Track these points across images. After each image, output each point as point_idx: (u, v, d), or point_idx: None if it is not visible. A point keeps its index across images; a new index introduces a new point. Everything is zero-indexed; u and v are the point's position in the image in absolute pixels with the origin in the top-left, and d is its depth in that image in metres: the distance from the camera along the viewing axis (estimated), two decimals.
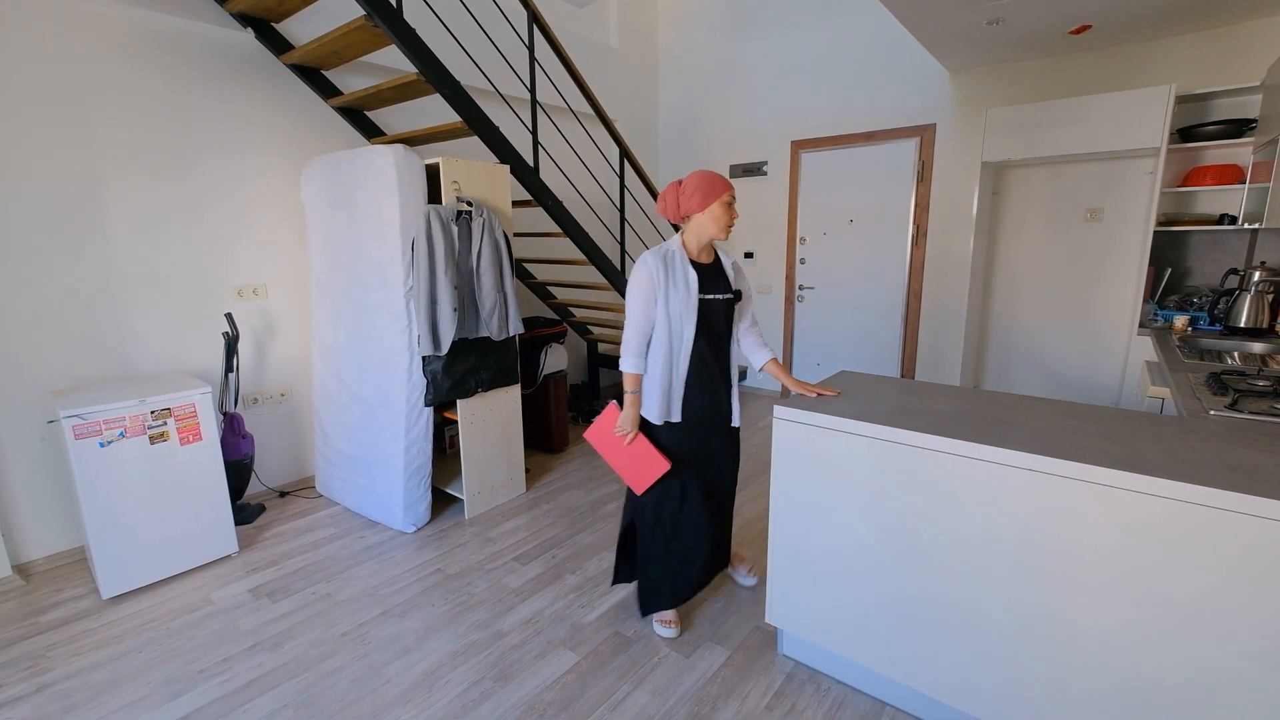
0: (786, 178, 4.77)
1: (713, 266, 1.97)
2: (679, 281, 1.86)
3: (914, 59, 3.94)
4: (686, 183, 1.88)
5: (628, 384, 1.91)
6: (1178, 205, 3.30)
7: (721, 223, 1.87)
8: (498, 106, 3.34)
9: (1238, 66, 3.10)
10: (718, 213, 1.86)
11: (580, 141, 4.18)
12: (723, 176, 1.90)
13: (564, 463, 3.61)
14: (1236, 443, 1.40)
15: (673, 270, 1.87)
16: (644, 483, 1.96)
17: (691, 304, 1.86)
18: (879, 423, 1.60)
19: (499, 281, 2.73)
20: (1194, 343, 2.82)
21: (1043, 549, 1.39)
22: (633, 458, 1.94)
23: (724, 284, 1.97)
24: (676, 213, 1.92)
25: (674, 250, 1.90)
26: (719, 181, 1.87)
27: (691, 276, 1.88)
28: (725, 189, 1.87)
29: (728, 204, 1.87)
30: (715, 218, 1.87)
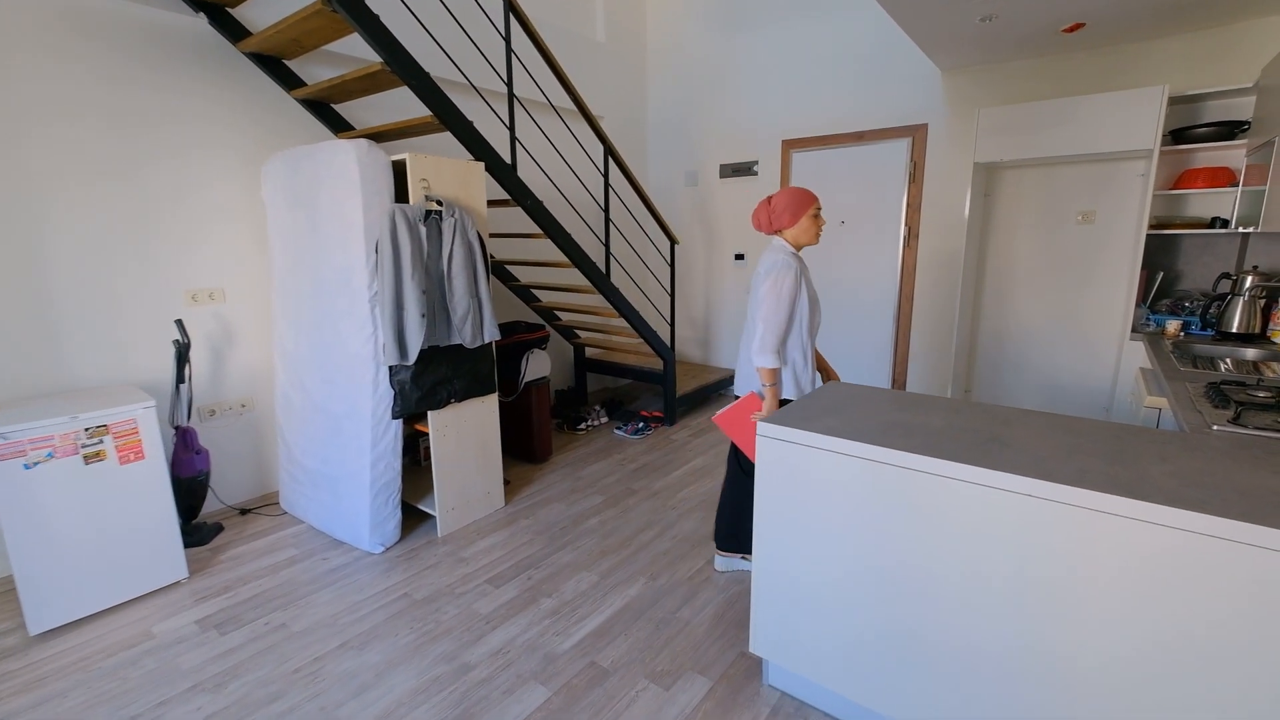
0: (777, 178, 4.64)
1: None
2: (810, 276, 2.20)
3: (906, 57, 3.83)
4: (775, 201, 2.15)
5: (767, 378, 2.08)
6: (1170, 208, 3.21)
7: (812, 232, 2.17)
8: (473, 101, 3.19)
9: (1230, 68, 3.01)
10: (807, 225, 2.15)
11: (563, 139, 4.03)
12: (808, 192, 2.15)
13: (546, 474, 3.46)
14: (1244, 463, 1.32)
15: (804, 267, 2.16)
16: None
17: (816, 293, 2.20)
18: (868, 441, 1.48)
19: (472, 286, 2.58)
20: (1186, 348, 2.73)
21: (1042, 580, 1.28)
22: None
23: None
24: (769, 227, 2.19)
25: (793, 251, 2.17)
26: (804, 198, 2.13)
27: (808, 272, 2.21)
28: (810, 203, 2.14)
29: (814, 215, 2.15)
30: (806, 229, 2.16)
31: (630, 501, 3.10)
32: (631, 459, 3.68)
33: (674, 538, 2.73)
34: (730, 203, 4.93)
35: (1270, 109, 2.56)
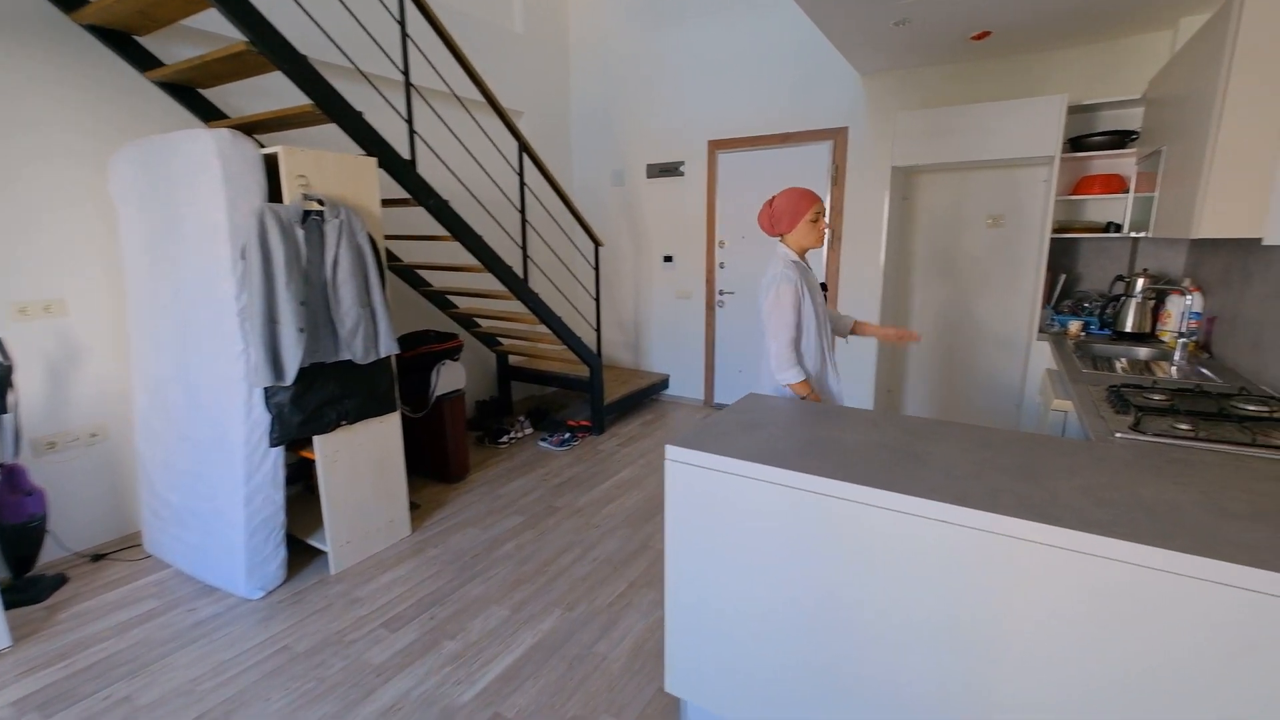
0: (704, 179, 4.56)
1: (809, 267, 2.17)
2: (813, 285, 2.07)
3: (828, 61, 3.82)
4: (776, 203, 2.05)
5: (800, 391, 1.99)
6: (1070, 213, 3.32)
7: (814, 236, 2.05)
8: (366, 90, 2.91)
9: (1121, 79, 3.14)
10: (806, 229, 2.03)
11: (475, 134, 3.78)
12: (808, 193, 2.02)
13: (462, 494, 3.22)
14: (1147, 473, 1.30)
15: (806, 276, 2.05)
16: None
17: (821, 303, 2.09)
18: (781, 465, 1.37)
19: (363, 295, 2.32)
20: (1087, 348, 2.81)
21: (959, 608, 1.21)
22: None
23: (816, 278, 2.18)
24: (772, 230, 2.09)
25: (794, 259, 2.06)
26: (802, 201, 2.01)
27: (815, 280, 2.10)
28: (809, 206, 2.01)
29: (813, 220, 2.02)
30: (806, 233, 2.04)
31: (550, 521, 2.91)
32: (556, 473, 3.49)
33: (595, 560, 2.57)
34: (658, 203, 4.81)
35: (1156, 120, 2.66)
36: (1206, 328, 2.56)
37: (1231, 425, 1.56)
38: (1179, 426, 1.57)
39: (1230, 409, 1.68)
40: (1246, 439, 1.47)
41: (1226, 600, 0.98)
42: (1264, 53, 1.68)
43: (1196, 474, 1.30)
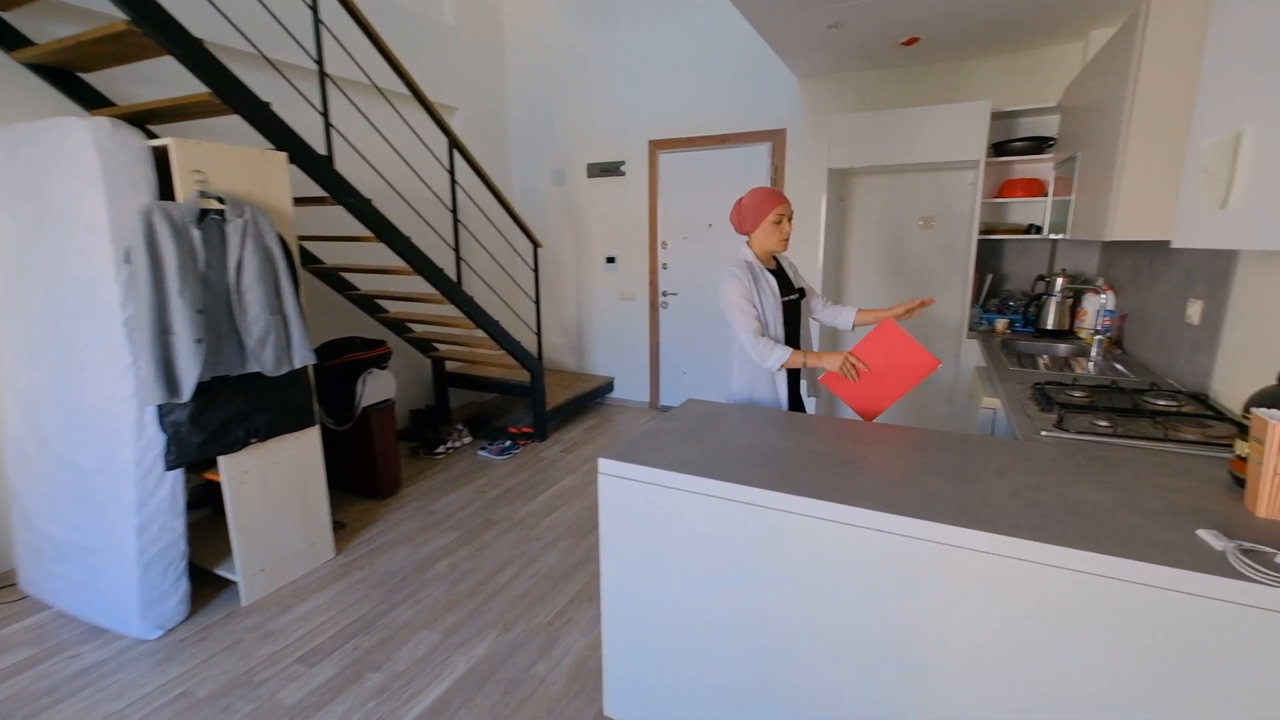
0: (646, 179, 4.51)
1: (777, 271, 2.10)
2: (765, 289, 2.00)
3: (765, 63, 3.84)
4: (744, 202, 2.01)
5: (795, 361, 1.92)
6: (995, 215, 3.45)
7: (773, 239, 2.00)
8: (277, 80, 2.69)
9: (1038, 88, 3.28)
10: (769, 231, 1.99)
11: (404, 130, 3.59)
12: (774, 194, 1.97)
13: (392, 510, 3.04)
14: (1071, 472, 1.33)
15: (756, 278, 1.99)
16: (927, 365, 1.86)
17: (778, 307, 2.01)
18: (716, 476, 1.33)
19: (273, 300, 2.14)
20: (1013, 345, 2.92)
21: (900, 620, 1.19)
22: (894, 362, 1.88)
23: (790, 285, 2.11)
24: (739, 228, 2.05)
25: (751, 261, 2.02)
26: (764, 203, 1.97)
27: (773, 283, 2.02)
28: (770, 209, 1.96)
29: (775, 222, 1.97)
30: (768, 235, 1.99)
31: (488, 536, 2.78)
32: (495, 484, 3.36)
33: (535, 575, 2.46)
34: (599, 204, 4.73)
35: (1071, 127, 2.78)
36: (1119, 325, 2.70)
37: (1145, 421, 1.62)
38: (1098, 423, 1.61)
39: (1143, 404, 1.74)
40: (1159, 434, 1.52)
41: (1151, 601, 0.98)
42: (1168, 65, 1.75)
43: (1116, 472, 1.33)
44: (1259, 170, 1.05)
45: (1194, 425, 1.58)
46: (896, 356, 1.86)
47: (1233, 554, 0.99)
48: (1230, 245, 1.13)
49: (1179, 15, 1.71)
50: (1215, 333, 1.82)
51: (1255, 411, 1.15)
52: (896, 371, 1.88)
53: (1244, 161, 1.10)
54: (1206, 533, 1.05)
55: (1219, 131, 1.21)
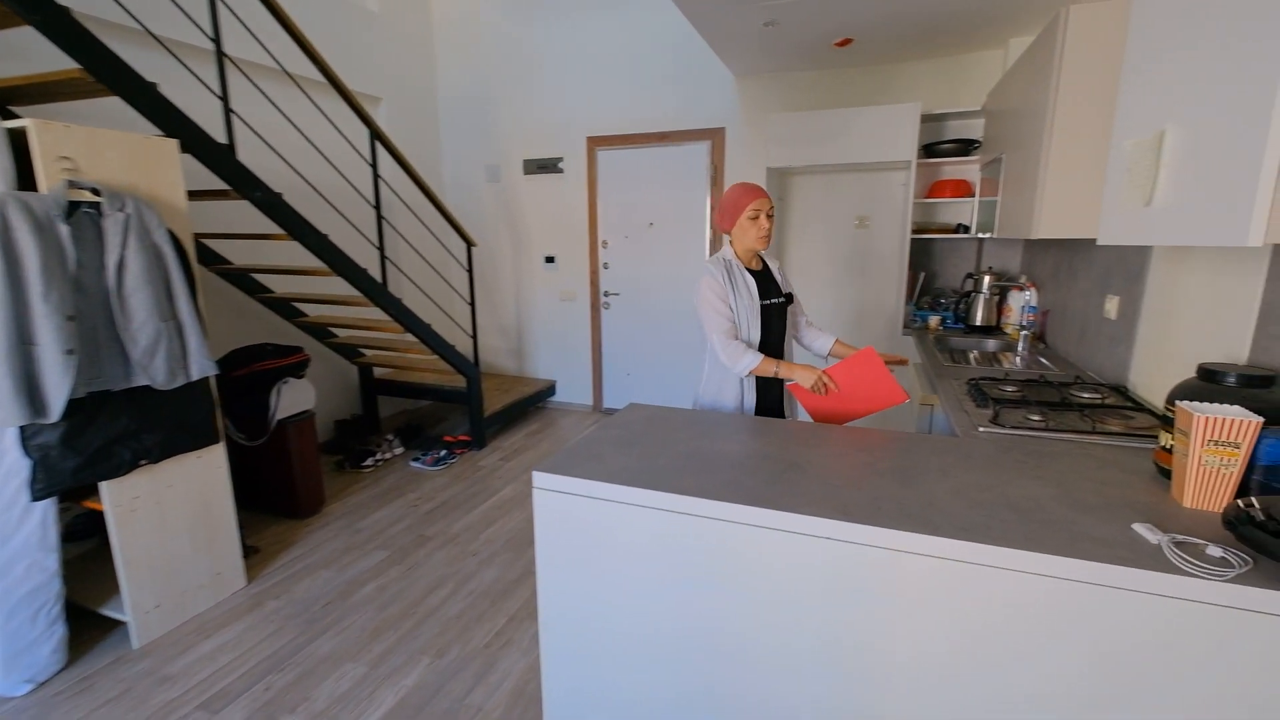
0: (584, 176, 4.41)
1: (763, 273, 2.00)
2: (741, 289, 1.91)
3: (704, 61, 3.82)
4: (722, 200, 1.93)
5: (766, 369, 1.83)
6: (926, 215, 3.56)
7: (751, 235, 1.89)
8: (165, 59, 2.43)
9: (964, 92, 3.41)
10: (745, 227, 1.88)
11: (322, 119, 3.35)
12: (750, 189, 1.88)
13: (314, 530, 2.81)
14: (1010, 469, 1.33)
15: (733, 277, 1.90)
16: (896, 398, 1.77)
17: (755, 310, 1.91)
18: (657, 487, 1.25)
19: (163, 305, 1.91)
20: (945, 341, 3.00)
21: (849, 627, 1.15)
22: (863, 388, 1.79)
23: (776, 288, 2.00)
24: (720, 225, 1.97)
25: (730, 259, 1.93)
26: (742, 198, 1.87)
27: (751, 283, 1.92)
28: (746, 204, 1.86)
29: (752, 218, 1.87)
30: (744, 231, 1.89)
31: (420, 554, 2.61)
32: (429, 496, 3.17)
33: (471, 594, 2.32)
34: (537, 201, 4.58)
35: (995, 130, 2.88)
36: (1041, 320, 2.81)
37: (1073, 414, 1.66)
38: (1031, 418, 1.64)
39: (1070, 397, 1.80)
40: (1087, 427, 1.56)
41: (1096, 599, 0.97)
42: (1086, 70, 1.81)
43: (1052, 466, 1.34)
44: (1182, 168, 1.07)
45: (1117, 417, 1.63)
46: (868, 384, 1.80)
47: (1167, 547, 1.00)
48: (1155, 241, 1.15)
49: (1096, 23, 1.76)
50: (1131, 327, 1.90)
51: (1179, 405, 1.17)
52: (864, 396, 1.82)
53: (1167, 159, 1.12)
54: (1141, 526, 1.06)
55: (1141, 131, 1.23)
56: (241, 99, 2.61)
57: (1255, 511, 0.98)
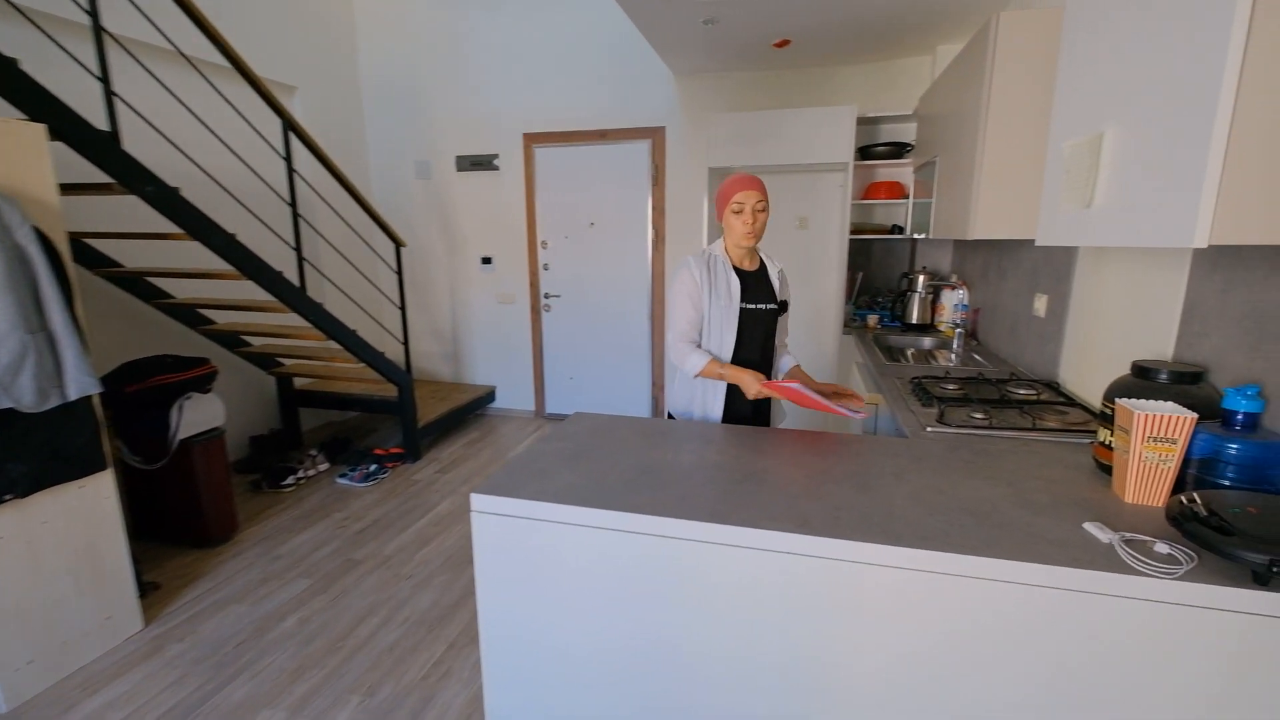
0: (521, 174, 4.25)
1: (757, 274, 1.84)
2: (720, 287, 1.77)
3: (644, 59, 3.76)
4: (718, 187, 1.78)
5: (712, 372, 1.70)
6: (863, 216, 3.64)
7: (735, 231, 1.73)
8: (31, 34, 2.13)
9: (896, 96, 3.50)
10: (730, 221, 1.73)
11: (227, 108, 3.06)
12: (738, 179, 1.71)
13: (227, 560, 2.55)
14: (960, 469, 1.33)
15: (715, 274, 1.77)
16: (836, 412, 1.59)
17: (732, 311, 1.76)
18: (607, 506, 1.17)
19: (30, 315, 1.65)
20: (883, 340, 3.07)
21: (812, 642, 1.11)
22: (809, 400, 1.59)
23: (768, 293, 1.83)
24: (717, 218, 1.81)
25: (716, 254, 1.80)
26: (728, 188, 1.72)
27: (734, 284, 1.77)
28: (730, 195, 1.71)
29: (735, 211, 1.71)
30: (730, 226, 1.74)
31: (349, 580, 2.41)
32: (358, 515, 2.95)
33: (406, 622, 2.15)
34: (472, 199, 4.39)
35: (927, 134, 2.96)
36: (973, 318, 2.91)
37: (1013, 411, 1.69)
38: (975, 416, 1.66)
39: (1008, 394, 1.84)
40: (1028, 424, 1.59)
41: (1057, 602, 0.96)
42: (1018, 75, 1.85)
43: (1000, 465, 1.34)
44: (1123, 169, 1.08)
45: (1054, 413, 1.67)
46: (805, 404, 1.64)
47: (1119, 546, 1.00)
48: (1097, 243, 1.16)
49: (1026, 29, 1.81)
50: (1060, 325, 1.97)
51: (1120, 402, 1.19)
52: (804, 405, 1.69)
53: (1107, 161, 1.13)
54: (1092, 525, 1.06)
55: (1078, 133, 1.24)
56: (134, 83, 2.33)
57: (1198, 507, 0.99)
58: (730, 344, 1.78)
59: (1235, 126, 0.82)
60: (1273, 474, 1.07)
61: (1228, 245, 1.25)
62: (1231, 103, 0.82)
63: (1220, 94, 0.82)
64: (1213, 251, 1.31)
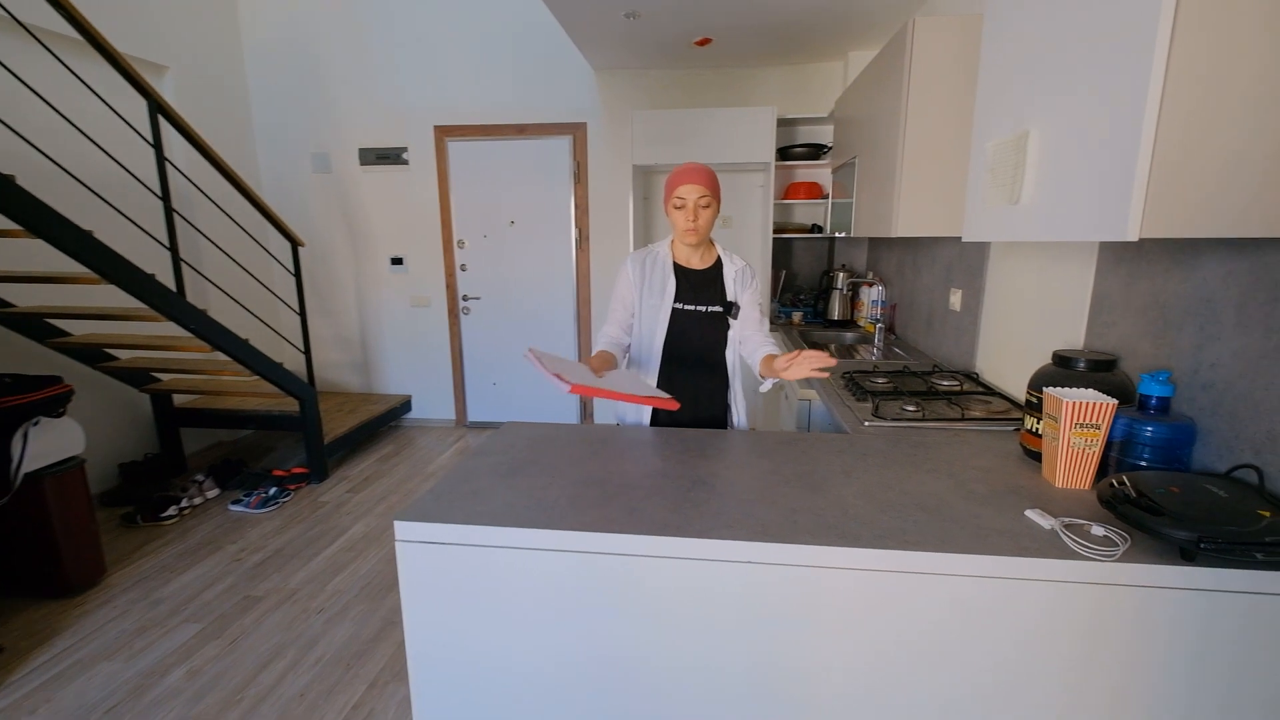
0: (434, 169, 4.01)
1: (706, 273, 1.70)
2: (655, 285, 1.67)
3: (563, 53, 3.65)
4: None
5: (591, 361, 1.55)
6: (784, 215, 3.72)
7: (678, 227, 1.61)
8: None
9: (812, 99, 3.61)
10: (673, 216, 1.62)
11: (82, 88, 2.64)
12: (682, 170, 1.57)
13: (92, 610, 2.19)
14: (904, 464, 1.34)
15: (651, 272, 1.67)
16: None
17: (663, 311, 1.66)
18: (552, 525, 1.08)
19: None
20: (809, 335, 3.14)
21: (775, 652, 1.06)
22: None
23: (715, 294, 1.69)
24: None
25: (658, 252, 1.70)
26: (672, 179, 1.60)
27: (669, 282, 1.66)
28: (673, 187, 1.58)
29: (678, 206, 1.59)
30: (673, 222, 1.63)
31: (248, 620, 2.13)
32: (256, 546, 2.64)
33: (319, 662, 1.93)
34: (379, 196, 4.09)
35: (845, 136, 3.05)
36: (890, 313, 3.03)
37: (941, 402, 1.75)
38: (907, 409, 1.70)
39: (934, 386, 1.90)
40: (956, 414, 1.64)
41: (1010, 592, 0.97)
42: (935, 79, 1.92)
43: (938, 456, 1.37)
44: (1049, 166, 1.11)
45: (978, 403, 1.74)
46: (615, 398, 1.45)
47: (1061, 531, 1.02)
48: (1023, 238, 1.20)
49: (942, 34, 1.88)
50: (975, 318, 2.07)
51: (1048, 391, 1.23)
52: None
53: (1033, 159, 1.16)
54: (1033, 512, 1.09)
55: (1002, 132, 1.28)
56: None
57: (1127, 489, 1.03)
58: (659, 345, 1.69)
59: (1161, 125, 0.85)
60: (1182, 453, 1.14)
61: (1129, 242, 1.34)
62: (1158, 101, 0.84)
63: (1148, 93, 0.84)
64: (1117, 246, 1.40)
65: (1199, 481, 1.02)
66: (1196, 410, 1.15)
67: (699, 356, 1.73)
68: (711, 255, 1.73)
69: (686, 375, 1.73)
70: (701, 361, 1.73)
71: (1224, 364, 1.09)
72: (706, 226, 1.61)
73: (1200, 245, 1.15)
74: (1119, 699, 0.98)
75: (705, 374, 1.75)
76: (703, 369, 1.73)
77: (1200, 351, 1.14)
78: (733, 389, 1.81)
